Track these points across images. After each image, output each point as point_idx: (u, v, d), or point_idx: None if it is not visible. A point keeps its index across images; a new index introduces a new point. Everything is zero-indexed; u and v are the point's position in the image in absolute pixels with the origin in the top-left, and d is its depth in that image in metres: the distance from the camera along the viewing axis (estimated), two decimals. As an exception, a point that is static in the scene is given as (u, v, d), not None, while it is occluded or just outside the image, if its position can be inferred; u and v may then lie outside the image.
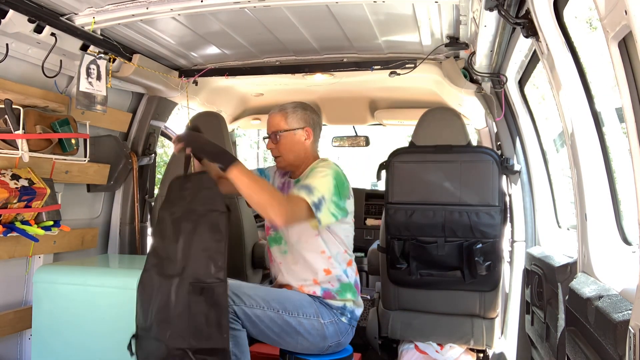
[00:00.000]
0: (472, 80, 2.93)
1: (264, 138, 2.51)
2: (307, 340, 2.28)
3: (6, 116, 2.37)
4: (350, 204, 2.37)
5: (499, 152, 2.98)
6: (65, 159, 2.73)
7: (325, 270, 2.34)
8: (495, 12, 1.89)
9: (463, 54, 2.86)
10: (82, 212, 3.15)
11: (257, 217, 3.82)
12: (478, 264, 2.70)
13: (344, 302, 2.36)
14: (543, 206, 2.75)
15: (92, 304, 2.43)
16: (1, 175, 2.34)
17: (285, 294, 2.31)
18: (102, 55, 2.73)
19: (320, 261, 2.33)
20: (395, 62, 3.01)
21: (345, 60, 3.15)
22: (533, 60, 2.35)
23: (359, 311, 2.43)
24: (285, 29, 2.73)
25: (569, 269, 1.85)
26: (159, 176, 5.44)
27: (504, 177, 2.87)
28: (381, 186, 3.40)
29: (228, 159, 2.01)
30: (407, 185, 2.88)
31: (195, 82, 3.38)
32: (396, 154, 2.94)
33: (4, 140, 2.39)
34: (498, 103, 2.82)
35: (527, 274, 2.43)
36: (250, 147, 14.59)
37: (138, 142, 3.44)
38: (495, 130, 3.10)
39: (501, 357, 2.82)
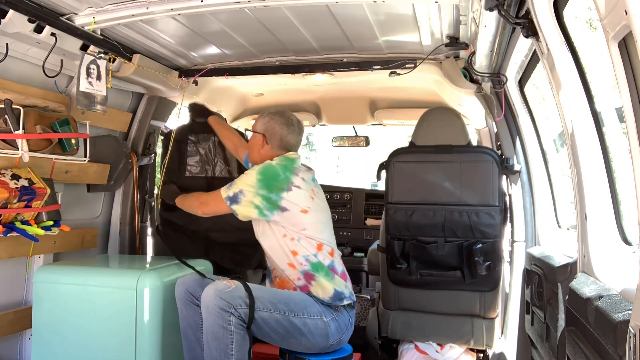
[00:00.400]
0: (472, 80, 2.93)
1: None
2: (310, 341, 2.29)
3: (6, 116, 2.37)
4: (292, 196, 2.38)
5: (499, 152, 2.98)
6: (65, 159, 2.73)
7: (293, 252, 2.39)
8: (495, 12, 1.89)
9: (463, 54, 2.86)
10: (82, 212, 3.15)
11: None
12: (478, 264, 2.70)
13: (331, 284, 2.38)
14: (543, 206, 2.74)
15: (92, 304, 2.43)
16: (1, 175, 2.34)
17: (290, 295, 2.33)
18: (102, 55, 2.73)
19: (285, 244, 2.40)
20: (395, 62, 3.01)
21: (345, 60, 3.15)
22: (533, 60, 2.35)
23: (348, 292, 2.45)
24: (285, 29, 2.73)
25: (569, 269, 1.85)
26: (159, 176, 5.43)
27: (504, 177, 2.87)
28: (381, 186, 3.40)
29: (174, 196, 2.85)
30: (407, 185, 2.88)
31: (195, 82, 3.38)
32: (396, 154, 2.94)
33: (4, 140, 2.39)
34: (498, 103, 2.82)
35: (527, 274, 2.43)
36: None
37: (138, 142, 3.44)
38: (495, 130, 3.10)
39: (501, 357, 2.82)
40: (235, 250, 3.18)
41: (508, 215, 2.88)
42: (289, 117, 2.61)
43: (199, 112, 3.28)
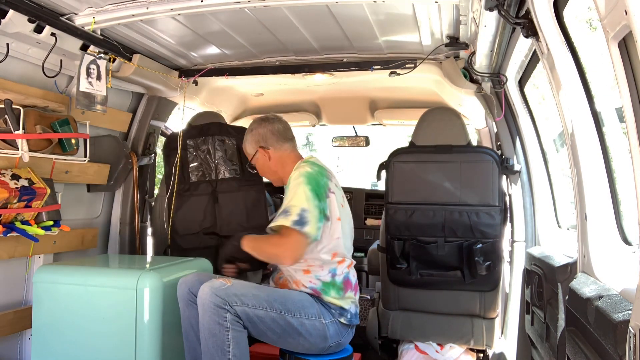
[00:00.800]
0: (472, 80, 2.93)
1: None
2: (308, 341, 2.28)
3: (6, 116, 2.37)
4: (333, 201, 2.33)
5: (499, 152, 2.98)
6: (65, 159, 2.73)
7: (304, 271, 2.35)
8: (495, 12, 1.89)
9: (463, 54, 2.86)
10: (82, 212, 3.15)
11: None
12: (478, 264, 2.70)
13: (339, 302, 2.36)
14: (543, 206, 2.74)
15: (92, 304, 2.43)
16: (1, 175, 2.34)
17: (288, 294, 2.32)
18: (102, 55, 2.73)
19: (297, 263, 2.33)
20: (395, 62, 3.01)
21: (345, 60, 3.15)
22: (533, 60, 2.35)
23: (355, 309, 2.43)
24: (285, 29, 2.73)
25: (569, 269, 1.85)
26: (159, 176, 5.43)
27: (504, 177, 2.87)
28: (381, 186, 3.41)
29: (238, 239, 2.39)
30: (407, 185, 2.88)
31: (195, 82, 3.38)
32: (396, 154, 2.94)
33: (4, 140, 2.39)
34: (498, 103, 2.82)
35: (527, 274, 2.43)
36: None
37: (138, 142, 3.44)
38: (495, 130, 3.10)
39: (501, 357, 2.82)
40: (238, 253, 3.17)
41: (508, 215, 2.88)
42: (260, 118, 2.54)
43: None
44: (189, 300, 2.33)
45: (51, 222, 2.61)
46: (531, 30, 1.82)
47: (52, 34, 2.41)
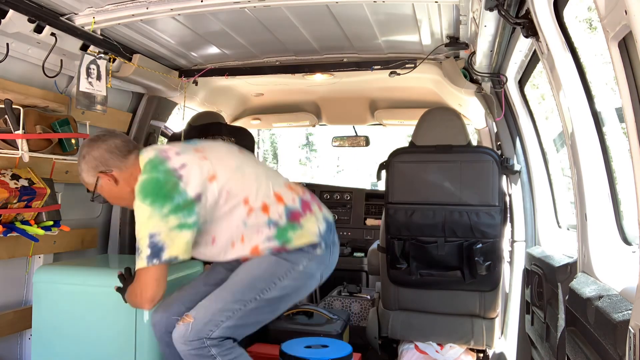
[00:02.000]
0: (472, 80, 2.93)
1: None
2: (299, 294, 2.13)
3: (6, 116, 2.37)
4: (189, 178, 1.93)
5: (499, 152, 2.98)
6: (65, 159, 2.73)
7: (250, 243, 2.04)
8: (495, 12, 1.89)
9: (463, 54, 2.86)
10: (82, 212, 3.15)
11: None
12: (478, 264, 2.70)
13: (303, 239, 2.07)
14: (543, 206, 2.75)
15: (92, 304, 2.43)
16: (1, 175, 2.34)
17: (249, 274, 2.05)
18: (102, 55, 2.73)
19: (228, 241, 2.05)
20: (395, 62, 3.01)
21: (345, 60, 3.15)
22: (533, 60, 2.35)
23: (324, 226, 2.12)
24: (285, 29, 2.73)
25: (569, 269, 1.85)
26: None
27: (504, 177, 2.87)
28: (381, 186, 3.41)
29: (124, 290, 2.17)
30: (407, 185, 2.88)
31: (195, 82, 3.38)
32: (396, 154, 2.94)
33: (4, 140, 2.39)
34: (498, 103, 2.82)
35: (527, 274, 2.43)
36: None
37: (138, 142, 3.44)
38: (495, 130, 3.10)
39: (501, 357, 2.82)
40: None
41: (508, 215, 2.88)
42: (90, 139, 2.16)
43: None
44: (169, 342, 2.10)
45: (51, 222, 2.61)
46: (531, 30, 1.82)
47: (52, 34, 2.41)
